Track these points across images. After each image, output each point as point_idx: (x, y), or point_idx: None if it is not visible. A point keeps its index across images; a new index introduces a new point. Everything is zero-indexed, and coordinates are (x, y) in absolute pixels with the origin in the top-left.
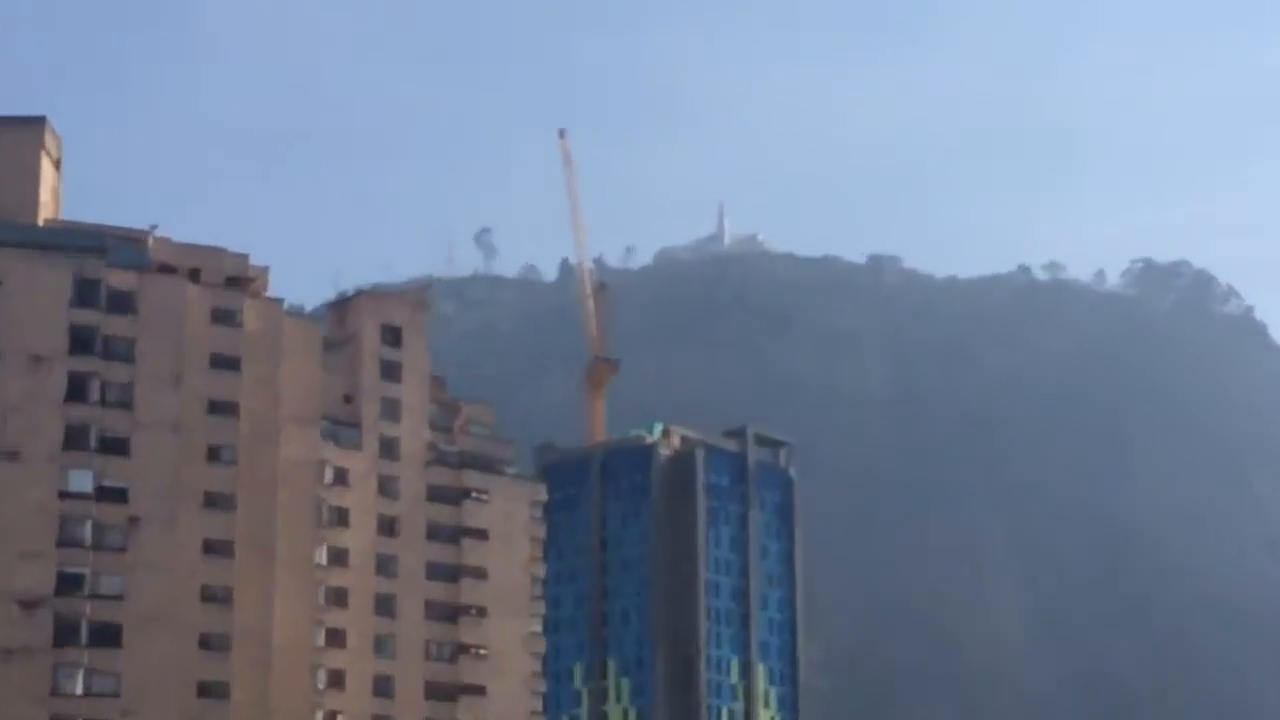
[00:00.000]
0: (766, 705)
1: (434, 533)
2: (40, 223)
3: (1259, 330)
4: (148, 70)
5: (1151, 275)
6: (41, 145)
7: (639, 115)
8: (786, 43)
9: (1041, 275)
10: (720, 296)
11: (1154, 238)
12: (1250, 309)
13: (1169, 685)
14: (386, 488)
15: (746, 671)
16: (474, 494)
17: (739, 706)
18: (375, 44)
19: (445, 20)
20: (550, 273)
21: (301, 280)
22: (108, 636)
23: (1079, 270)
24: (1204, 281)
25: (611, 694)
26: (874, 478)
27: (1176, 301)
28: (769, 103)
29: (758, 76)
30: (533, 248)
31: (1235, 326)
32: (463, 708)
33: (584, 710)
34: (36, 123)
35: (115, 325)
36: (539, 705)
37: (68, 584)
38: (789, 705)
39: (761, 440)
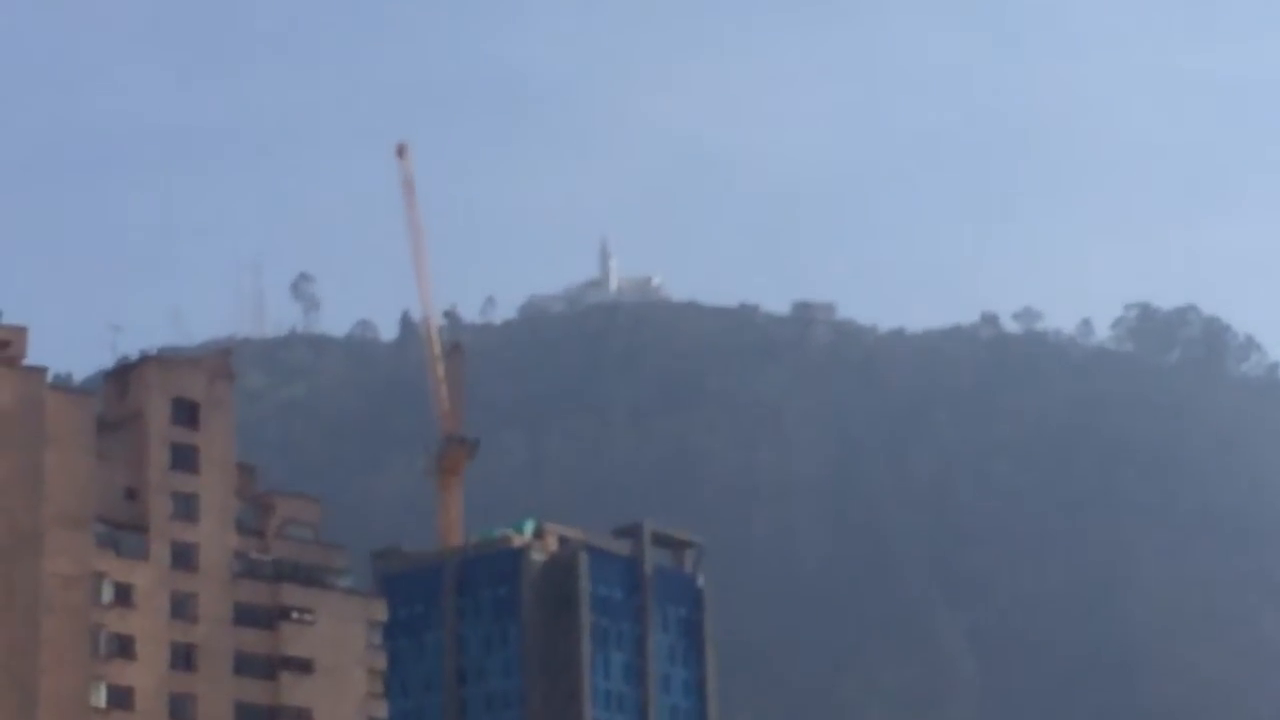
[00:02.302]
0: None
1: (244, 665)
2: None
3: None
4: None
5: (1151, 325)
6: None
7: (498, 129)
8: (686, 43)
9: (1012, 326)
10: (606, 357)
11: (1151, 278)
12: (1276, 366)
13: None
14: (181, 608)
15: None
16: (295, 614)
17: None
18: (151, 41)
19: (243, 10)
20: (389, 331)
21: (70, 342)
22: None
23: (1059, 319)
24: (1217, 332)
25: None
26: (807, 583)
27: (1183, 357)
28: (666, 115)
29: (653, 84)
30: (365, 299)
31: (1257, 388)
32: None
33: None
34: None
35: None
36: None
37: None
38: None
39: (662, 540)
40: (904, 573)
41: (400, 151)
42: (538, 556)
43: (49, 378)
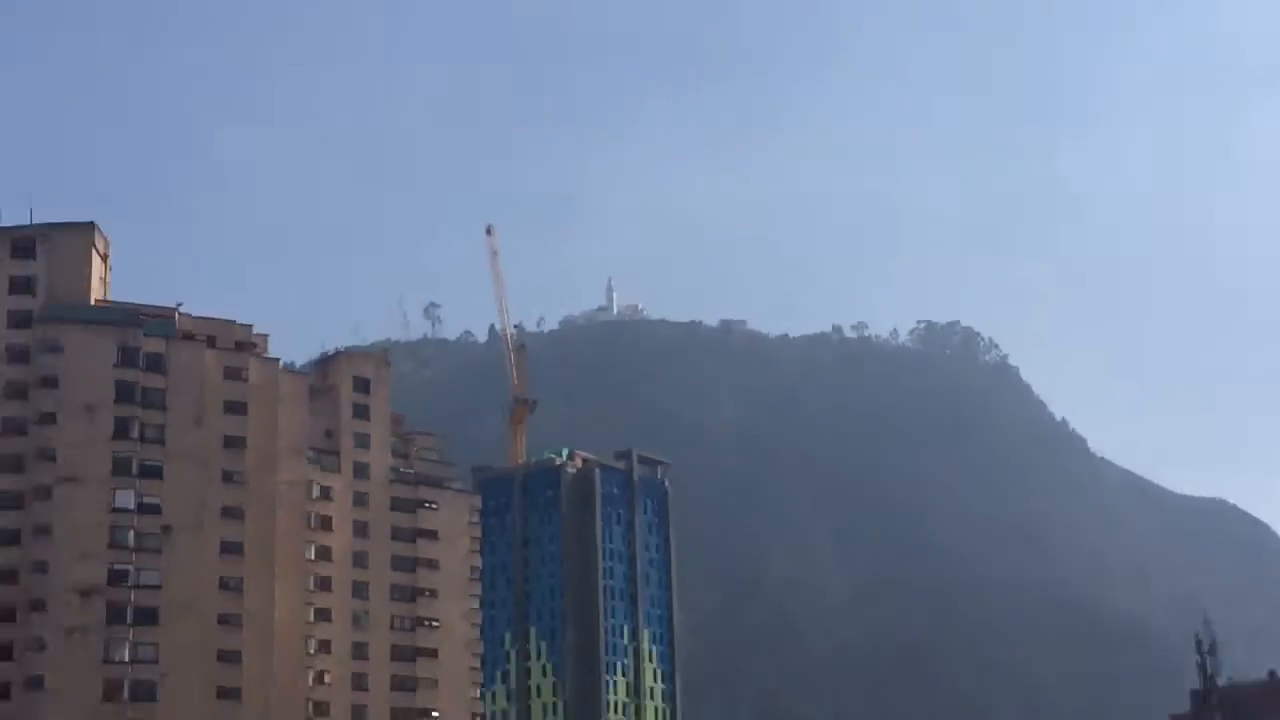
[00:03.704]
0: (650, 660)
1: (396, 534)
2: (92, 302)
3: (1013, 373)
4: (172, 189)
5: (932, 332)
6: (92, 244)
7: (548, 213)
8: (660, 152)
9: (850, 333)
10: (610, 354)
11: (934, 302)
12: (1005, 356)
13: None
14: (359, 500)
15: (635, 634)
16: (426, 504)
17: (629, 662)
18: (346, 157)
19: (397, 140)
20: (482, 336)
21: (293, 343)
22: (148, 617)
23: (878, 328)
24: (970, 336)
25: (533, 654)
26: (729, 490)
27: (951, 354)
28: (646, 199)
29: (639, 180)
30: (468, 317)
31: (995, 371)
32: (420, 666)
33: (512, 666)
34: (87, 227)
35: (150, 380)
36: (477, 664)
37: (116, 577)
38: (667, 660)
39: (643, 461)
40: (787, 488)
41: (488, 230)
42: (570, 471)
43: (280, 365)
